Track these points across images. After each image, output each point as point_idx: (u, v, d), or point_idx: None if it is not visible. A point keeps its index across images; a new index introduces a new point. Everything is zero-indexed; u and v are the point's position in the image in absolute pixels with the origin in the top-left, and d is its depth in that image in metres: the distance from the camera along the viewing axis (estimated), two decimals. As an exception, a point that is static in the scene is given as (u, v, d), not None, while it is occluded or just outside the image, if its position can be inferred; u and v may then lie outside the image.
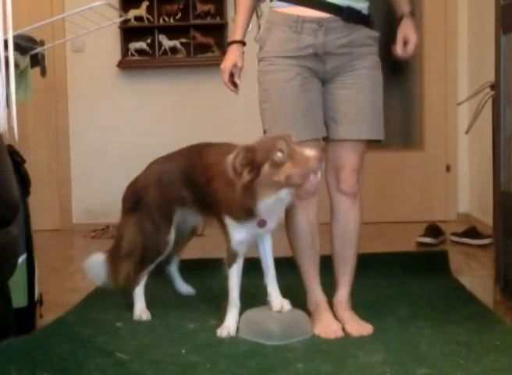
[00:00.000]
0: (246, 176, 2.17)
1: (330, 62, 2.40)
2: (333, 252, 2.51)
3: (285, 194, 2.23)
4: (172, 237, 2.62)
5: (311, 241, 2.48)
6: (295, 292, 2.61)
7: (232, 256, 2.38)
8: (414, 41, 2.43)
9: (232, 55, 2.51)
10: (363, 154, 2.47)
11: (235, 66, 2.49)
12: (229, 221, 2.34)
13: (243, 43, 2.53)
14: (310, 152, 2.14)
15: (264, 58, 2.46)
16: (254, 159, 2.17)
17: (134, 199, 2.67)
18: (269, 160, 2.16)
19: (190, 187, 2.54)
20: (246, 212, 2.26)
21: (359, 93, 2.41)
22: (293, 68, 2.39)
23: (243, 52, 2.51)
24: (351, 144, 2.44)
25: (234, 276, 2.40)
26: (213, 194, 2.39)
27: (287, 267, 2.51)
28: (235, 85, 2.53)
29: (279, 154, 2.15)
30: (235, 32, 2.55)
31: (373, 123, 2.45)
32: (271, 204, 2.23)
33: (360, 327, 2.39)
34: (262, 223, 2.31)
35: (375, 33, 2.46)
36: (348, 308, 2.47)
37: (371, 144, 2.50)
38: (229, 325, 2.39)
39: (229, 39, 2.59)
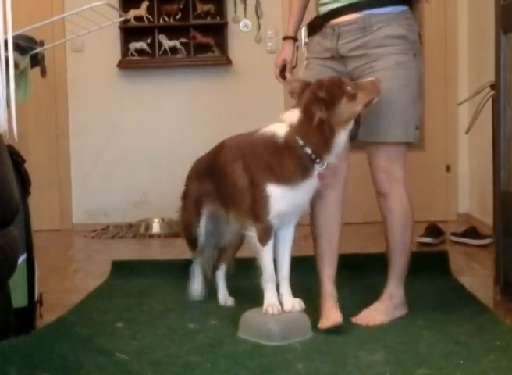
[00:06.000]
0: (324, 113, 2.24)
1: (350, 64, 2.49)
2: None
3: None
4: (200, 230, 2.70)
5: (325, 233, 2.55)
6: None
7: (267, 232, 2.35)
8: None
9: (283, 51, 2.71)
10: (389, 155, 2.51)
11: (285, 61, 2.68)
12: (272, 189, 2.31)
13: (294, 39, 2.69)
14: (369, 79, 2.34)
15: (306, 58, 2.63)
16: (327, 97, 2.25)
17: (184, 189, 2.81)
18: (345, 94, 2.27)
19: (213, 180, 2.58)
20: (320, 152, 2.29)
21: None
22: (319, 67, 2.55)
23: (297, 47, 2.68)
24: (373, 145, 2.50)
25: (269, 253, 2.37)
26: (249, 168, 2.37)
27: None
28: (285, 78, 2.70)
29: (349, 88, 2.29)
30: (288, 28, 2.74)
31: (390, 126, 2.46)
32: (343, 141, 2.32)
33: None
34: (322, 177, 2.34)
35: (400, 31, 2.43)
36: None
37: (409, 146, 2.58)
38: (274, 302, 2.36)
39: (283, 34, 2.77)
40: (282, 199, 2.32)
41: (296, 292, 2.45)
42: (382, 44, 2.43)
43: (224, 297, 2.79)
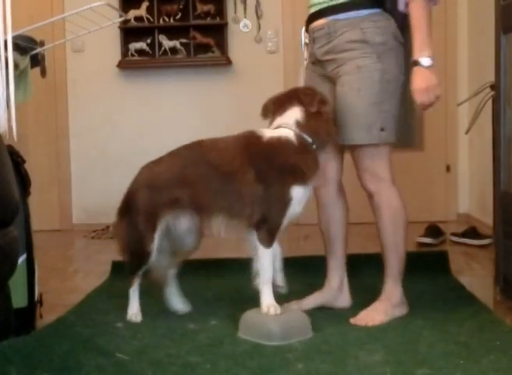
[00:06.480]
0: (328, 109, 2.44)
1: (326, 68, 2.57)
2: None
3: None
4: (154, 246, 2.47)
5: (327, 233, 2.68)
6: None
7: (275, 234, 2.38)
8: (415, 88, 2.56)
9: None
10: (370, 156, 2.51)
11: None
12: (296, 191, 2.36)
13: None
14: None
15: (305, 59, 2.78)
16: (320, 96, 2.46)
17: (125, 203, 2.58)
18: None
19: (192, 185, 2.44)
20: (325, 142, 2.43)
21: (338, 100, 2.51)
22: (308, 72, 2.67)
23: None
24: (354, 147, 2.54)
25: (271, 255, 2.39)
26: (266, 175, 2.35)
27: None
28: None
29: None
30: None
31: (352, 128, 2.49)
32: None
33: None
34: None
35: (359, 35, 2.45)
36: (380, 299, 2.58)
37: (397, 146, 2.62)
38: (273, 303, 2.37)
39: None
40: (302, 199, 2.40)
41: (296, 292, 2.46)
42: (345, 49, 2.48)
43: (179, 302, 2.71)
